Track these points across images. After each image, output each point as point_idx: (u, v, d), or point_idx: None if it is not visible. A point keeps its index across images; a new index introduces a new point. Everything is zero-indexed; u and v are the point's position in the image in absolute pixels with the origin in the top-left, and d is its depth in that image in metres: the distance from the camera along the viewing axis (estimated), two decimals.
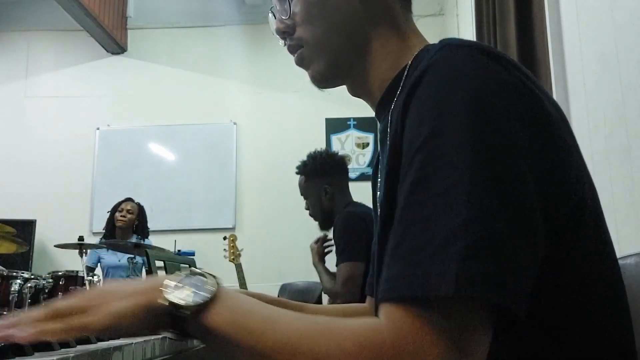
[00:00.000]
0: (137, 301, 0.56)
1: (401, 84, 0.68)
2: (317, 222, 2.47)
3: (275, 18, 0.78)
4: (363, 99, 0.80)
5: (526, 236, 0.51)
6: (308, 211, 2.45)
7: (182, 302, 0.54)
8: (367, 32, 0.74)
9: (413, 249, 0.50)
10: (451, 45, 0.58)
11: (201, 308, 0.53)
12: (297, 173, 2.45)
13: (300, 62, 0.79)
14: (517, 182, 0.51)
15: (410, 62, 0.69)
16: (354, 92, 0.80)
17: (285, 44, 0.80)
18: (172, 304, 0.54)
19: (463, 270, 0.47)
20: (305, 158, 2.45)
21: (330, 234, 2.45)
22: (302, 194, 2.44)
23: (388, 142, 0.65)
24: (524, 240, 0.50)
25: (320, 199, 2.37)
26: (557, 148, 0.57)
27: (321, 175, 2.37)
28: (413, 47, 0.72)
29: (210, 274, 0.57)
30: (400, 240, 0.51)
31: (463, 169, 0.50)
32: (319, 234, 2.48)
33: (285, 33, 0.78)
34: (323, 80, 0.79)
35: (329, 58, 0.75)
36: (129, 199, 4.09)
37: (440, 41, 0.61)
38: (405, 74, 0.68)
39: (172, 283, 0.55)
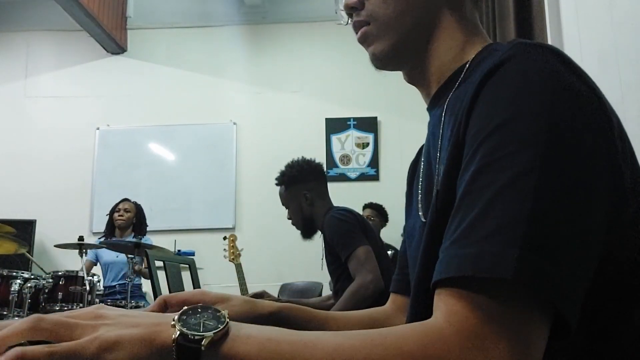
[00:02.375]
0: (139, 332, 0.47)
1: (460, 78, 0.68)
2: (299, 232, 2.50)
3: None
4: (418, 88, 0.78)
5: (588, 242, 0.48)
6: (290, 221, 2.48)
7: (195, 333, 0.46)
8: (438, 20, 0.73)
9: (470, 229, 0.47)
10: (525, 44, 0.57)
11: (218, 337, 0.46)
12: (276, 184, 2.49)
13: (363, 40, 0.76)
14: (587, 184, 0.50)
15: (472, 59, 0.69)
16: (411, 79, 0.78)
17: (349, 22, 0.77)
18: (183, 335, 0.46)
19: (524, 256, 0.44)
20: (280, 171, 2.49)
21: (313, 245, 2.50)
22: (283, 204, 2.49)
23: (441, 138, 0.65)
24: (585, 245, 0.48)
25: (301, 206, 2.41)
26: (618, 157, 0.55)
27: (300, 182, 2.43)
28: (476, 44, 0.72)
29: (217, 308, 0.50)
30: (458, 224, 0.49)
31: (534, 159, 0.48)
32: (318, 234, 2.48)
33: (354, 9, 0.75)
34: (384, 60, 0.75)
35: (396, 39, 0.73)
36: (125, 199, 4.14)
37: (512, 40, 0.61)
38: (466, 68, 0.68)
39: (179, 315, 0.48)
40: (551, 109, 0.51)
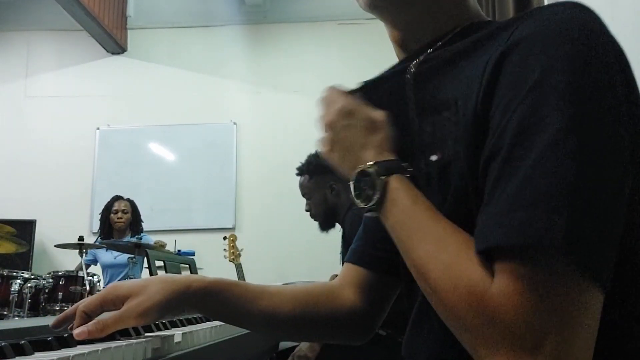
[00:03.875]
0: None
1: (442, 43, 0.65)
2: (317, 223, 2.45)
3: None
4: (398, 41, 0.71)
5: (620, 207, 0.47)
6: (309, 212, 2.43)
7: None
8: None
9: (515, 196, 0.46)
10: (545, 7, 0.54)
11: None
12: (297, 174, 2.43)
13: None
14: (619, 148, 0.48)
15: (459, 29, 0.66)
16: (404, 37, 0.70)
17: None
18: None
19: (574, 228, 0.43)
20: (304, 160, 2.43)
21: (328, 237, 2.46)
22: (304, 194, 2.41)
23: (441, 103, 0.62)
24: (619, 211, 0.47)
25: (326, 196, 2.35)
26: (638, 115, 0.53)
27: (327, 171, 2.37)
28: (469, 9, 0.68)
29: None
30: (502, 191, 0.48)
31: (571, 119, 0.46)
32: (318, 234, 2.48)
33: None
34: None
35: None
36: (119, 197, 4.02)
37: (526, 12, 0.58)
38: (449, 37, 0.65)
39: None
40: (585, 64, 0.49)
